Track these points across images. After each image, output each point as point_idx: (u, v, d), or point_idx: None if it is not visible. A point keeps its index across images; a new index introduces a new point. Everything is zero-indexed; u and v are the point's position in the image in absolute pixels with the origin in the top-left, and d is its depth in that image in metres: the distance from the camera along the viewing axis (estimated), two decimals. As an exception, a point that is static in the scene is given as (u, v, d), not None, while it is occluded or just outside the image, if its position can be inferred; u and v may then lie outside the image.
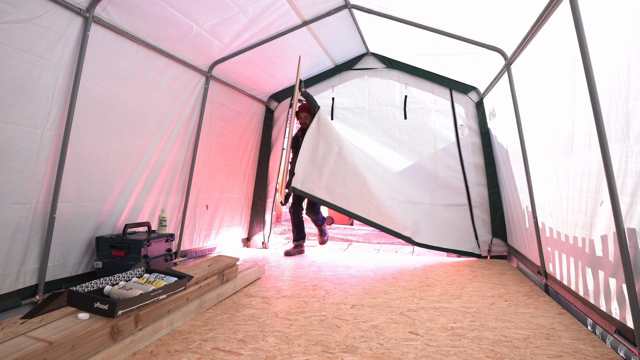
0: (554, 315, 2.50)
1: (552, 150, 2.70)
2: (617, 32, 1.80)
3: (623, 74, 1.77)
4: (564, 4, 2.19)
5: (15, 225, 2.39)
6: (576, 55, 2.07)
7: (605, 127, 1.89)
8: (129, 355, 1.84)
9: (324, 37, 4.21)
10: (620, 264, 1.85)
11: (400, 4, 3.42)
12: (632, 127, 1.73)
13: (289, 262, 4.17)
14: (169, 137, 3.61)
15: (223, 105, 4.33)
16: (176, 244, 3.85)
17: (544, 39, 2.64)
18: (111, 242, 2.94)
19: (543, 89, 2.81)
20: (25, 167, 2.40)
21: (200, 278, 2.59)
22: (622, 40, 1.77)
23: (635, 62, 1.69)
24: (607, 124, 1.89)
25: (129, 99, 3.10)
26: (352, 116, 5.00)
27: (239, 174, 4.89)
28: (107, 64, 2.85)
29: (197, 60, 3.72)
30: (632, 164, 1.75)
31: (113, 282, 2.19)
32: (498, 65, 3.64)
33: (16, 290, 2.43)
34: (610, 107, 1.87)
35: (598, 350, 1.95)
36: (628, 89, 1.74)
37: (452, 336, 2.13)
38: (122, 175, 3.17)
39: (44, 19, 2.34)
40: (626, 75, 1.75)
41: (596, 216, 2.16)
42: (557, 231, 2.75)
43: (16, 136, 2.31)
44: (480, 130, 4.63)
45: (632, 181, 1.75)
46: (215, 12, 3.14)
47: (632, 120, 1.73)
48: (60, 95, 2.53)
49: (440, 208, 4.71)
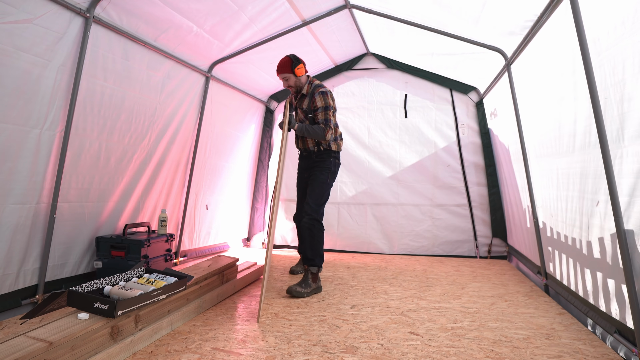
0: (554, 315, 2.50)
1: (552, 150, 2.70)
2: (614, 32, 1.80)
3: (618, 75, 1.77)
4: (564, 4, 2.19)
5: (15, 226, 2.39)
6: (576, 55, 2.07)
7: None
8: (129, 355, 1.84)
9: (324, 37, 4.21)
10: (619, 264, 1.85)
11: (401, 4, 3.42)
12: (627, 129, 1.73)
13: (289, 262, 4.16)
14: (169, 137, 3.60)
15: (223, 106, 4.33)
16: (176, 244, 3.85)
17: (544, 39, 2.64)
18: (111, 242, 2.94)
19: (543, 89, 2.81)
20: (25, 167, 2.39)
21: (200, 278, 2.59)
22: (618, 41, 1.77)
23: (630, 64, 1.70)
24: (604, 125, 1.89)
25: (129, 99, 3.10)
26: (353, 116, 5.01)
27: (238, 174, 4.88)
28: (107, 64, 2.85)
29: (197, 60, 3.72)
30: (627, 165, 1.75)
31: (113, 282, 2.19)
32: (498, 65, 3.64)
33: (16, 290, 2.43)
34: (606, 107, 1.87)
35: (598, 351, 1.95)
36: (623, 90, 1.75)
37: (452, 336, 2.13)
38: (123, 176, 3.17)
39: (44, 19, 2.34)
40: (621, 77, 1.76)
41: (593, 217, 2.16)
42: (557, 231, 2.75)
43: (15, 136, 2.31)
44: (480, 130, 4.63)
45: (627, 182, 1.75)
46: (215, 12, 3.14)
47: (627, 121, 1.73)
48: (60, 95, 2.53)
49: (440, 208, 4.71)
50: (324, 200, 3.11)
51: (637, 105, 1.67)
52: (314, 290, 2.93)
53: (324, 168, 3.14)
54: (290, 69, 3.07)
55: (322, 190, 3.10)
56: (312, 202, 3.04)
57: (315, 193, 3.08)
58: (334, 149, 3.17)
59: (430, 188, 4.76)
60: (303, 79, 3.16)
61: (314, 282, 2.95)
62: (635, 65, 1.66)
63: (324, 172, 3.13)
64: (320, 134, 3.04)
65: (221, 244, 4.65)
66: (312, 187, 3.11)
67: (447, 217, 4.69)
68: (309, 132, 3.05)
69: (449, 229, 4.66)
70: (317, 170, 3.15)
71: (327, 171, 3.13)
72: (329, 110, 3.06)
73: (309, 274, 2.96)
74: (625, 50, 1.72)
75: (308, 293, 2.88)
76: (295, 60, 3.07)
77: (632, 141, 1.70)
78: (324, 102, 3.05)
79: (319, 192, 3.09)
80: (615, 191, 1.81)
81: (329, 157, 3.15)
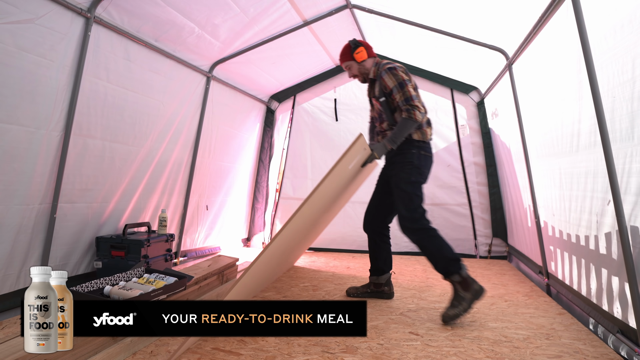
0: (554, 315, 2.50)
1: (555, 149, 2.69)
2: (621, 31, 1.79)
3: (627, 73, 1.76)
4: (566, 3, 2.18)
5: (18, 226, 2.39)
6: (579, 54, 2.06)
7: (610, 127, 1.88)
8: (129, 355, 1.84)
9: (325, 37, 4.21)
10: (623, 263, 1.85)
11: (402, 4, 3.42)
12: (637, 127, 1.72)
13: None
14: (171, 137, 3.61)
15: (224, 106, 4.34)
16: (176, 244, 3.85)
17: (546, 38, 2.63)
18: (111, 242, 2.95)
19: (545, 88, 2.80)
20: (29, 168, 2.40)
21: (200, 278, 2.59)
22: (626, 40, 1.76)
23: (639, 62, 1.68)
24: (612, 124, 1.88)
25: (130, 100, 3.10)
26: (355, 117, 5.02)
27: (239, 174, 4.89)
28: (108, 65, 2.85)
29: (198, 61, 3.72)
30: (636, 164, 1.74)
31: (113, 282, 2.20)
32: (499, 65, 3.63)
33: (17, 291, 2.43)
34: (615, 106, 1.86)
35: (598, 351, 1.95)
36: (633, 89, 1.73)
37: (452, 336, 2.13)
38: (125, 176, 3.17)
39: (46, 19, 2.34)
40: (630, 75, 1.74)
41: (602, 215, 2.15)
42: (559, 230, 2.75)
43: (20, 137, 2.31)
44: (481, 130, 4.62)
45: (636, 180, 1.74)
46: (217, 13, 3.14)
47: (637, 119, 1.72)
48: (63, 95, 2.54)
49: (440, 207, 4.71)
50: (414, 203, 2.50)
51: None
52: (471, 300, 2.34)
53: (404, 164, 2.54)
54: (350, 55, 2.65)
55: (407, 192, 2.52)
56: (401, 209, 2.52)
57: (401, 198, 2.53)
58: (415, 138, 2.55)
59: (430, 187, 4.75)
60: (368, 63, 2.67)
61: (465, 290, 2.35)
62: None
63: (405, 168, 2.53)
64: (409, 124, 2.45)
65: (221, 244, 4.65)
66: (396, 191, 2.58)
67: (447, 216, 4.68)
68: (398, 138, 2.49)
69: (449, 228, 4.65)
70: (398, 167, 2.57)
71: (409, 166, 2.53)
72: (405, 86, 2.48)
73: (456, 286, 2.38)
74: (635, 48, 1.70)
75: (465, 309, 2.32)
76: (354, 45, 2.64)
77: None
78: (395, 79, 2.50)
79: (404, 195, 2.52)
80: (618, 189, 1.80)
81: (410, 149, 2.54)
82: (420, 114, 2.46)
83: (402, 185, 2.54)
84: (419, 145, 2.56)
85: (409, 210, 2.49)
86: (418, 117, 2.45)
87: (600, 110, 1.89)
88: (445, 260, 2.40)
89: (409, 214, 2.48)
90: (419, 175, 2.55)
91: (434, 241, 2.44)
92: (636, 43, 1.70)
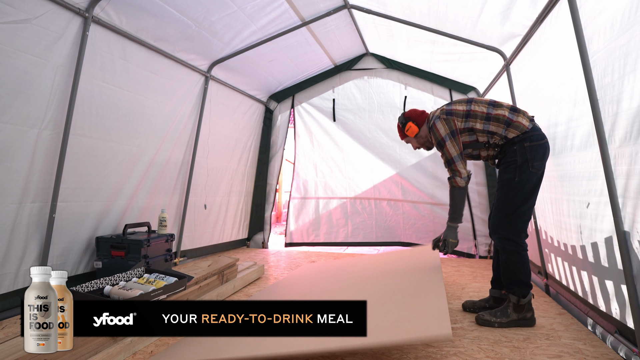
0: (554, 315, 2.50)
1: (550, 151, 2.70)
2: (604, 34, 1.82)
3: (607, 77, 1.79)
4: (562, 4, 2.19)
5: (12, 225, 2.38)
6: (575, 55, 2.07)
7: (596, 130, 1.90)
8: (129, 355, 1.83)
9: (324, 37, 4.21)
10: (616, 265, 1.86)
11: (400, 5, 3.42)
12: (617, 130, 1.74)
13: (289, 262, 4.16)
14: (169, 137, 3.60)
15: (222, 105, 4.33)
16: (176, 244, 3.85)
17: (542, 38, 2.64)
18: (111, 242, 2.94)
19: (542, 89, 2.81)
20: (23, 167, 2.39)
21: (200, 278, 2.59)
22: (608, 43, 1.79)
23: (618, 66, 1.71)
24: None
25: (128, 100, 3.09)
26: (353, 117, 5.03)
27: (238, 174, 4.88)
28: (106, 64, 2.84)
29: (196, 61, 3.72)
30: (620, 166, 1.76)
31: (113, 282, 2.20)
32: (497, 66, 3.64)
33: (15, 290, 2.42)
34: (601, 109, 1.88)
35: (598, 351, 1.95)
36: (612, 92, 1.76)
37: (452, 336, 2.13)
38: (122, 175, 3.16)
39: (42, 19, 2.34)
40: (610, 79, 1.77)
41: (584, 218, 2.17)
42: (549, 233, 2.77)
43: (13, 136, 2.31)
44: (480, 130, 4.63)
45: (620, 183, 1.76)
46: (214, 12, 3.14)
47: (618, 123, 1.74)
48: (58, 95, 2.53)
49: (440, 207, 4.72)
50: (512, 208, 2.25)
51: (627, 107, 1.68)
52: (512, 322, 2.25)
53: (508, 164, 2.28)
54: (403, 134, 2.56)
55: (507, 195, 2.27)
56: (498, 213, 2.32)
57: (500, 201, 2.32)
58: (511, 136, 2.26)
59: (430, 187, 4.78)
60: (423, 131, 2.50)
61: (515, 312, 2.25)
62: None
63: (509, 169, 2.27)
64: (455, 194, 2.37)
65: (221, 244, 4.64)
66: (497, 194, 2.37)
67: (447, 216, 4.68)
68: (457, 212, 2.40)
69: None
70: (502, 170, 2.33)
71: (512, 166, 2.25)
72: (444, 144, 2.32)
73: (510, 303, 2.28)
74: (614, 52, 1.73)
75: (500, 323, 2.24)
76: (402, 124, 2.52)
77: (623, 142, 1.71)
78: (435, 137, 2.37)
79: (503, 198, 2.29)
80: (615, 192, 1.81)
81: (512, 147, 2.26)
82: (462, 179, 2.33)
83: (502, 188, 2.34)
84: (521, 138, 2.25)
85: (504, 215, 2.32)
86: (459, 183, 2.34)
87: (597, 113, 1.90)
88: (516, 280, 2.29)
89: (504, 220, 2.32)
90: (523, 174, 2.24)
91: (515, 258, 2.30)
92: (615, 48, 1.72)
